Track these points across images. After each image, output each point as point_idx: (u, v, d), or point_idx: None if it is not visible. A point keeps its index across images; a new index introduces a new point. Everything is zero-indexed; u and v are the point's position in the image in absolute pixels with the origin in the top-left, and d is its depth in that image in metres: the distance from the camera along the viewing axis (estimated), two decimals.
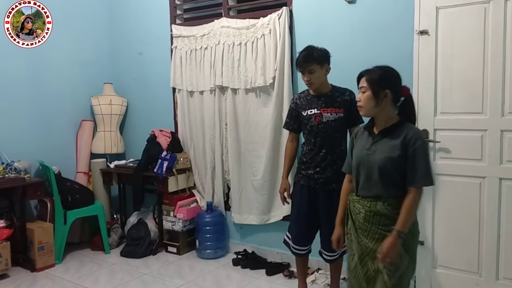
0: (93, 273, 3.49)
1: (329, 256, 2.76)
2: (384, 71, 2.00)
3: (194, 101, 3.93)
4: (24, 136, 3.87)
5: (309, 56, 2.60)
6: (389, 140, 1.94)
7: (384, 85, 1.95)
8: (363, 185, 2.01)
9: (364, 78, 1.99)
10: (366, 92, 1.97)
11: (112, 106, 4.29)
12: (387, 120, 1.99)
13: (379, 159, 1.93)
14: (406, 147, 1.91)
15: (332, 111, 2.67)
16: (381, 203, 1.95)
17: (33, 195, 3.63)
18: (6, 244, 3.40)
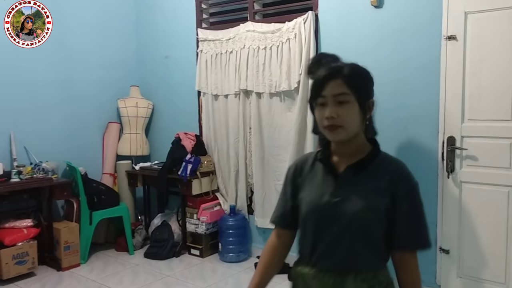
0: (117, 273, 3.55)
1: None
2: (363, 70, 1.35)
3: (219, 104, 3.96)
4: (52, 137, 3.97)
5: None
6: (369, 181, 1.28)
7: (370, 91, 1.35)
8: (324, 250, 1.29)
9: (340, 81, 1.25)
10: (348, 102, 1.24)
11: (138, 108, 4.36)
12: (359, 148, 1.32)
13: (355, 211, 1.25)
14: (396, 190, 1.27)
15: None
16: (352, 280, 1.27)
17: (60, 195, 3.71)
18: (33, 243, 3.48)
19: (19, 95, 3.76)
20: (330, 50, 3.29)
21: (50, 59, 3.93)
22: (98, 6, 4.30)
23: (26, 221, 3.50)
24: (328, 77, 1.26)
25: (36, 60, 3.81)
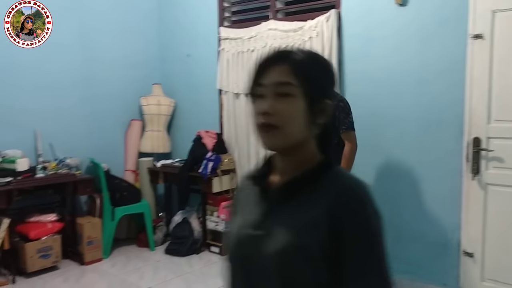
0: (139, 269, 3.60)
1: None
2: (321, 59, 0.98)
3: (240, 103, 3.96)
4: (76, 134, 4.05)
5: None
6: (305, 207, 0.89)
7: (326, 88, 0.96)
8: None
9: (286, 67, 0.91)
10: (291, 96, 0.90)
11: (160, 106, 4.41)
12: (304, 160, 0.94)
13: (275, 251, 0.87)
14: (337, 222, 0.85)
15: None
16: None
17: (83, 191, 3.78)
18: (57, 237, 3.56)
19: (45, 94, 3.85)
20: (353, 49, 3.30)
21: (75, 58, 4.03)
22: (122, 6, 4.37)
23: (50, 216, 3.59)
24: (271, 61, 0.92)
25: (61, 59, 3.92)
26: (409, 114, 3.02)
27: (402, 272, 3.02)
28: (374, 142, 3.16)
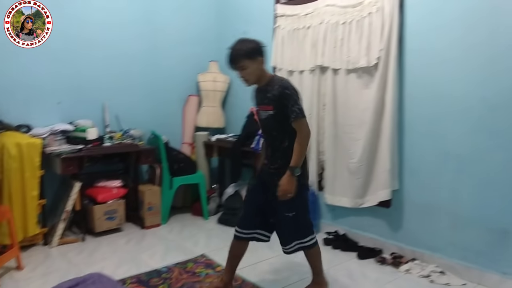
0: (194, 235, 3.81)
1: (285, 249, 2.61)
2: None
3: (293, 80, 3.95)
4: (139, 107, 4.30)
5: (237, 51, 2.40)
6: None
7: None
8: None
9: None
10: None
11: (216, 83, 4.54)
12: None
13: None
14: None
15: (264, 108, 2.46)
16: None
17: (145, 161, 4.03)
18: (121, 202, 3.85)
19: (113, 69, 4.13)
20: (417, 26, 3.15)
21: (140, 37, 4.28)
22: None
23: (115, 182, 3.88)
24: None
25: (128, 37, 4.19)
26: (474, 94, 2.86)
27: (459, 258, 2.98)
28: (434, 123, 3.08)
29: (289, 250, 2.56)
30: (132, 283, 2.86)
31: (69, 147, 3.57)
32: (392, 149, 3.25)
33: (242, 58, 2.38)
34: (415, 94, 3.19)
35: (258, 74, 2.44)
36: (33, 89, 3.67)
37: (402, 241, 3.33)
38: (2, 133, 3.35)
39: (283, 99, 2.35)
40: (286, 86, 2.40)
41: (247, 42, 2.44)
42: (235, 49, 2.41)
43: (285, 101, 2.35)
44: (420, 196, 3.19)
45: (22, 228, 3.32)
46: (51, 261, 3.25)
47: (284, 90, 2.37)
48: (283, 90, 2.37)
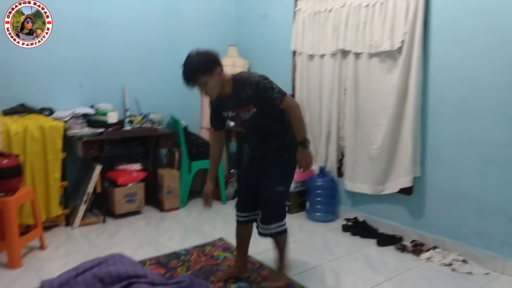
0: (212, 219, 3.83)
1: (262, 229, 2.52)
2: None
3: (314, 65, 3.92)
4: (158, 91, 4.30)
5: (191, 69, 2.21)
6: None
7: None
8: None
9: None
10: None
11: (235, 67, 4.49)
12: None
13: None
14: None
15: (244, 109, 2.35)
16: None
17: (164, 145, 4.05)
18: (141, 185, 3.89)
19: (133, 53, 4.14)
20: (443, 8, 3.04)
21: (158, 19, 4.25)
22: None
23: (135, 165, 3.92)
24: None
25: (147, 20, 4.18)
26: (502, 78, 2.75)
27: (483, 247, 2.92)
28: (460, 109, 2.99)
29: (268, 231, 2.49)
30: (152, 265, 2.90)
31: (90, 130, 3.60)
32: (415, 135, 3.18)
33: (199, 75, 2.20)
34: (440, 78, 3.09)
35: (220, 84, 2.29)
36: (55, 73, 3.71)
37: (423, 229, 3.27)
38: (25, 116, 3.41)
39: (261, 94, 2.27)
40: (254, 82, 2.28)
41: (200, 56, 2.22)
42: (189, 67, 2.21)
43: (264, 95, 2.27)
44: (443, 183, 3.12)
45: (45, 209, 3.39)
46: (73, 242, 3.31)
47: (256, 86, 2.26)
48: (256, 87, 2.26)
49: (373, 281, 2.75)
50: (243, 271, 2.75)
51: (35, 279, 2.63)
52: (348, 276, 2.81)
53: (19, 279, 2.69)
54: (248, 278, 2.74)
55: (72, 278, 2.17)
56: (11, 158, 2.91)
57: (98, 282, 2.17)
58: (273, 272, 2.67)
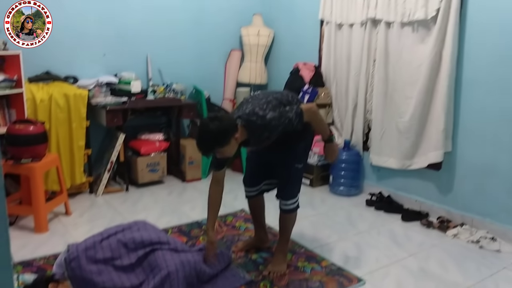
0: (233, 190, 3.82)
1: (283, 205, 2.48)
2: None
3: (342, 34, 3.78)
4: (182, 61, 4.25)
5: (208, 145, 2.10)
6: None
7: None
8: None
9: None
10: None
11: (259, 37, 4.39)
12: None
13: None
14: None
15: (266, 142, 2.24)
16: None
17: (187, 115, 4.02)
18: (163, 155, 3.90)
19: (157, 22, 4.06)
20: None
21: None
22: None
23: (158, 135, 3.91)
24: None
25: None
26: None
27: None
28: (496, 82, 2.84)
29: (286, 207, 2.46)
30: (174, 233, 2.92)
31: (114, 99, 3.59)
32: (447, 108, 3.05)
33: (215, 148, 2.10)
34: (476, 50, 2.94)
35: (236, 146, 2.17)
36: (80, 41, 3.69)
37: (451, 205, 3.18)
38: (50, 84, 3.42)
39: (283, 131, 2.17)
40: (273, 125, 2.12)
41: (215, 129, 2.06)
42: (205, 142, 2.10)
43: (286, 130, 2.17)
44: (475, 158, 3.01)
45: (69, 176, 3.44)
46: (96, 209, 3.36)
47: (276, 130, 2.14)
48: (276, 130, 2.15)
49: (396, 256, 2.70)
50: (264, 242, 2.75)
51: (61, 243, 2.69)
52: (370, 250, 2.77)
53: (45, 243, 2.75)
54: (269, 248, 2.73)
55: (97, 243, 2.20)
56: (37, 125, 2.93)
57: (122, 247, 2.20)
58: (275, 256, 2.55)
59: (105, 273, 2.10)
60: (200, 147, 2.13)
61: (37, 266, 2.44)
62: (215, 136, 2.06)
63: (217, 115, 2.21)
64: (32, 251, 2.64)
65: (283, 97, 2.28)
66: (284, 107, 2.20)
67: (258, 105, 2.17)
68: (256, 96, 2.31)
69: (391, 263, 2.61)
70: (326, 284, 2.35)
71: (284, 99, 2.26)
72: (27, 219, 3.06)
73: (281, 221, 2.54)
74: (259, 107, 2.16)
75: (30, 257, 2.54)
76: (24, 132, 2.86)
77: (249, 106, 2.19)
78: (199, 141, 2.13)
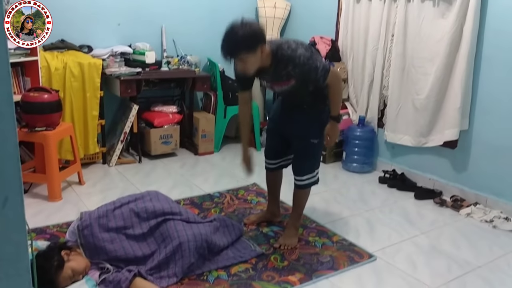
0: None
1: (296, 181, 2.47)
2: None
3: (360, 8, 3.67)
4: (196, 33, 4.18)
5: (233, 46, 1.99)
6: None
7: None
8: None
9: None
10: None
11: (276, 9, 4.30)
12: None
13: None
14: None
15: (283, 84, 2.21)
16: None
17: (201, 88, 3.99)
18: (176, 127, 3.89)
19: None
20: None
21: None
22: None
23: (171, 107, 3.90)
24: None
25: None
26: None
27: None
28: None
29: (301, 182, 2.45)
30: (186, 205, 2.94)
31: (128, 69, 3.57)
32: (466, 85, 2.97)
33: (241, 52, 1.99)
34: (498, 26, 2.84)
35: (260, 62, 2.08)
36: (95, 9, 3.64)
37: (465, 184, 3.14)
38: (65, 52, 3.41)
39: (305, 75, 2.11)
40: (300, 63, 2.06)
41: (245, 30, 1.97)
42: (231, 42, 2.00)
43: (308, 76, 2.11)
44: (491, 137, 2.95)
45: (83, 145, 3.46)
46: (109, 179, 3.39)
47: (302, 68, 2.07)
48: (301, 69, 2.07)
49: (408, 233, 2.69)
50: (275, 216, 2.75)
51: (74, 212, 2.73)
52: (382, 227, 2.76)
53: (59, 211, 2.80)
54: (281, 222, 2.74)
55: (110, 211, 2.22)
56: (52, 93, 2.94)
57: (134, 217, 2.22)
58: (286, 229, 2.56)
59: (117, 241, 2.13)
60: (226, 48, 2.02)
61: (51, 233, 2.49)
62: (244, 39, 1.95)
63: (249, 20, 2.05)
64: (46, 218, 2.69)
65: (315, 51, 2.25)
66: (315, 55, 2.17)
67: (293, 41, 2.16)
68: (287, 39, 2.27)
69: (403, 240, 2.60)
70: (337, 259, 2.35)
71: (315, 53, 2.21)
72: (41, 187, 3.10)
73: (295, 196, 2.53)
74: (292, 41, 2.15)
75: (44, 225, 2.58)
76: (39, 100, 2.87)
77: (282, 40, 2.20)
78: (225, 40, 2.01)
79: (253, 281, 2.13)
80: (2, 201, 0.71)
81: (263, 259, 2.33)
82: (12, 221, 0.73)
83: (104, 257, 2.09)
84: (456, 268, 2.33)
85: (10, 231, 0.73)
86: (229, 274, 2.18)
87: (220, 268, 2.22)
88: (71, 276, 1.96)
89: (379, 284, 2.17)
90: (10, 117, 0.72)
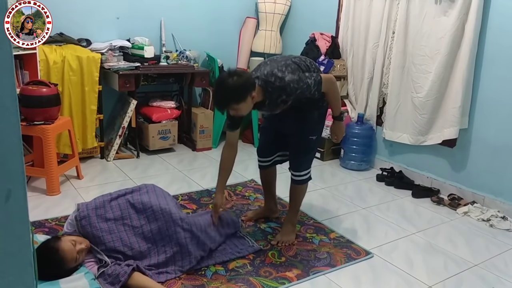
0: (243, 161, 3.82)
1: (295, 176, 2.47)
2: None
3: (362, 4, 3.67)
4: (195, 27, 4.16)
5: (224, 99, 2.07)
6: None
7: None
8: None
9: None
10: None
11: (276, 4, 4.28)
12: None
13: None
14: None
15: (281, 108, 2.22)
16: None
17: (199, 83, 3.98)
18: (175, 122, 3.88)
19: None
20: None
21: None
22: None
23: (170, 103, 3.89)
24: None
25: None
26: None
27: None
28: None
29: (299, 178, 2.46)
30: (184, 200, 2.94)
31: (127, 64, 3.55)
32: (466, 84, 2.97)
33: (232, 104, 2.06)
34: (500, 25, 2.84)
35: (251, 105, 2.12)
36: (94, 2, 3.62)
37: (462, 183, 3.15)
38: (63, 46, 3.39)
39: (301, 95, 2.13)
40: (291, 90, 2.08)
41: (234, 82, 2.02)
42: (222, 96, 2.08)
43: (303, 95, 2.13)
44: (490, 136, 2.96)
45: (81, 140, 3.45)
46: (108, 173, 3.39)
47: (295, 93, 2.10)
48: (295, 94, 2.10)
49: (405, 231, 2.70)
50: (273, 212, 2.76)
51: (72, 206, 2.70)
52: (379, 225, 2.77)
53: (57, 205, 2.79)
54: (278, 218, 2.75)
55: (107, 202, 2.22)
56: (50, 87, 2.92)
57: (130, 208, 2.22)
58: (284, 226, 2.56)
59: (115, 232, 2.13)
60: (217, 101, 2.14)
61: (49, 227, 2.49)
62: (233, 91, 2.02)
63: (236, 70, 2.14)
64: (44, 212, 2.68)
65: (301, 62, 2.23)
66: (303, 73, 2.16)
67: (277, 67, 2.13)
68: (274, 59, 2.25)
69: (400, 238, 2.61)
70: (334, 256, 2.36)
71: (303, 65, 2.22)
72: (39, 181, 3.09)
73: (292, 192, 2.53)
74: (277, 69, 2.12)
75: (42, 218, 2.58)
76: (37, 93, 2.85)
77: (268, 68, 2.15)
78: (216, 94, 2.12)
79: (251, 276, 2.14)
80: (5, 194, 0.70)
81: (261, 255, 2.34)
82: (16, 214, 0.73)
83: (102, 247, 2.08)
84: (452, 266, 2.34)
85: (13, 224, 0.73)
86: (227, 270, 2.19)
87: (218, 264, 2.23)
88: (74, 247, 1.95)
89: (375, 281, 2.18)
90: (14, 109, 0.71)
